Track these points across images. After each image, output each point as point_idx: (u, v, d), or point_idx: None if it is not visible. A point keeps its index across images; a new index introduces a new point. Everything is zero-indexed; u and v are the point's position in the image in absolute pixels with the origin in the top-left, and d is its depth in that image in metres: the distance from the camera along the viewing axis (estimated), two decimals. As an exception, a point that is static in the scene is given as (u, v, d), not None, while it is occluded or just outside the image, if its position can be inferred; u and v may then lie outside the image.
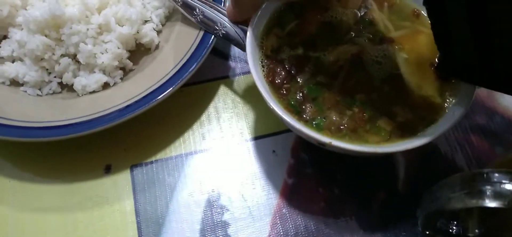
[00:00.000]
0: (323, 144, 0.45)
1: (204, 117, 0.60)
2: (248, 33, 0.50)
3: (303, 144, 0.57)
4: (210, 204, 0.53)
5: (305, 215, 0.53)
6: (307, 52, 0.52)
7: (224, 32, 0.57)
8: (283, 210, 0.53)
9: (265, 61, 0.51)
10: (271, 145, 0.58)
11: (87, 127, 0.53)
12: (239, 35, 0.56)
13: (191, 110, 0.60)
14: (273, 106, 0.46)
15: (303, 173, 0.56)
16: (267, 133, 0.58)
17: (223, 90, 0.62)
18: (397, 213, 0.53)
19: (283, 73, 0.50)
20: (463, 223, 0.46)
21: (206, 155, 0.57)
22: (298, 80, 0.50)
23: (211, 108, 0.60)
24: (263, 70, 0.50)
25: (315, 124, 0.47)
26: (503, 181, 0.37)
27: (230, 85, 0.62)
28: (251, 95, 0.61)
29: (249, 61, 0.48)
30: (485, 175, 0.38)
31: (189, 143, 0.58)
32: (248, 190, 0.54)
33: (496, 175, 0.38)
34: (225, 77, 0.63)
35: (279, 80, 0.49)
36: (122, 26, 0.59)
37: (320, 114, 0.48)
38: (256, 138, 0.58)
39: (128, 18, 0.59)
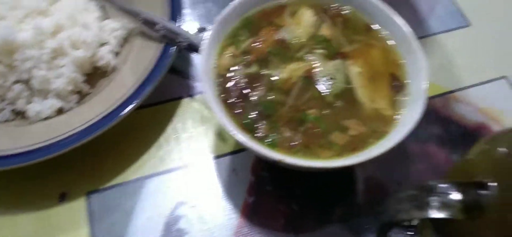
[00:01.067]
0: (276, 161, 0.45)
1: (162, 139, 0.59)
2: (201, 53, 0.50)
3: (263, 162, 0.57)
4: (169, 228, 0.52)
5: (266, 233, 0.52)
6: (261, 70, 0.52)
7: (186, 44, 0.58)
8: (244, 230, 0.53)
9: (219, 80, 0.51)
10: (232, 164, 0.57)
11: (40, 154, 0.51)
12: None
13: (150, 132, 0.59)
14: (226, 125, 0.46)
15: (263, 191, 0.55)
16: (227, 152, 0.58)
17: (182, 110, 0.61)
18: (356, 226, 0.53)
19: (237, 92, 0.50)
20: (419, 233, 0.46)
21: (165, 178, 0.56)
22: (252, 98, 0.50)
23: (169, 130, 0.60)
24: (217, 90, 0.50)
25: (268, 141, 0.47)
26: (449, 192, 0.38)
27: (189, 105, 0.62)
28: (210, 115, 0.61)
29: (202, 81, 0.48)
30: (431, 187, 0.39)
31: (148, 165, 0.57)
32: (208, 211, 0.54)
33: (442, 186, 0.38)
34: (185, 97, 0.62)
35: (233, 99, 0.49)
36: (77, 49, 0.58)
37: (274, 131, 0.48)
38: (216, 158, 0.58)
39: (84, 42, 0.58)
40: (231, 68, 0.52)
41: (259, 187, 0.56)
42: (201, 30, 0.67)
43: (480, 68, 0.66)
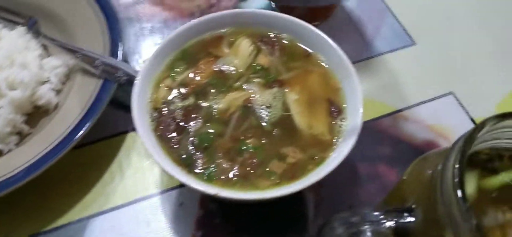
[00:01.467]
0: (212, 195, 0.44)
1: (107, 175, 0.58)
2: (134, 87, 0.49)
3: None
4: (111, 269, 0.51)
5: (213, 268, 0.51)
6: (198, 102, 0.51)
7: (126, 78, 0.57)
8: (192, 266, 0.51)
9: (155, 114, 0.50)
10: (179, 198, 0.56)
11: (-23, 200, 0.50)
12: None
13: (94, 169, 0.58)
14: (159, 162, 0.44)
15: (211, 224, 0.54)
16: (174, 186, 0.57)
17: (127, 145, 0.60)
18: (306, 254, 0.52)
19: (173, 125, 0.49)
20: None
21: (110, 216, 0.54)
22: (189, 131, 0.49)
23: (114, 166, 0.58)
24: (152, 124, 0.49)
25: (206, 174, 0.46)
26: (381, 220, 0.37)
27: (134, 139, 0.61)
28: (156, 148, 0.60)
29: (134, 117, 0.47)
30: (365, 215, 0.38)
31: (92, 204, 0.55)
32: (154, 249, 0.52)
33: (374, 214, 0.38)
34: (130, 131, 0.61)
35: (169, 133, 0.48)
36: (15, 90, 0.57)
37: (212, 164, 0.47)
38: (163, 192, 0.56)
39: (21, 82, 0.57)
40: (168, 102, 0.51)
41: (208, 220, 0.54)
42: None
43: (427, 85, 0.67)
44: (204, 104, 0.51)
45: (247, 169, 0.47)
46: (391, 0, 0.77)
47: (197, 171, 0.46)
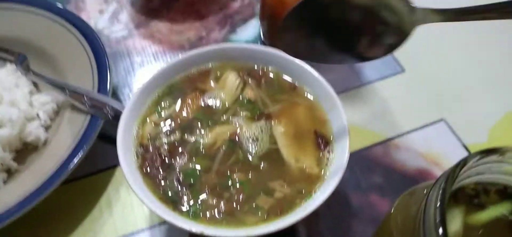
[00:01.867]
0: (197, 234, 0.43)
1: (96, 211, 0.57)
2: (120, 124, 0.49)
3: (199, 228, 0.55)
4: None
5: None
6: (184, 137, 0.51)
7: (112, 114, 0.57)
8: None
9: (140, 150, 0.50)
10: (168, 233, 0.55)
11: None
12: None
13: (82, 205, 0.57)
14: (143, 199, 0.44)
15: (201, 259, 0.53)
16: (162, 221, 0.56)
17: (116, 179, 0.60)
18: None
19: (158, 161, 0.49)
20: None
21: (97, 254, 0.54)
22: (175, 167, 0.49)
23: (103, 201, 0.58)
24: (138, 161, 0.49)
25: (192, 212, 0.46)
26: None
27: (123, 174, 0.60)
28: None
29: (119, 153, 0.47)
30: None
31: (79, 242, 0.54)
32: (142, 287, 0.51)
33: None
34: (118, 166, 0.61)
35: (154, 170, 0.48)
36: (3, 127, 0.57)
37: (197, 201, 0.46)
38: (152, 227, 0.56)
39: (9, 120, 0.57)
40: (154, 137, 0.51)
41: (197, 255, 0.53)
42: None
43: (417, 112, 0.67)
44: (191, 139, 0.51)
45: (234, 205, 0.46)
46: (381, 28, 0.78)
47: (182, 208, 0.46)
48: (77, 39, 0.66)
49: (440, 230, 0.30)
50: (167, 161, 0.49)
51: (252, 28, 0.78)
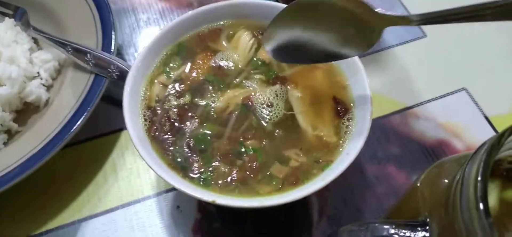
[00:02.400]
0: (208, 202, 0.41)
1: (100, 176, 0.55)
2: (126, 84, 0.46)
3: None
4: (104, 276, 0.48)
5: (212, 276, 0.48)
6: (194, 100, 0.48)
7: (118, 73, 0.54)
8: (189, 272, 0.49)
9: (148, 113, 0.46)
10: (175, 200, 0.53)
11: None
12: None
13: (87, 170, 0.55)
14: (151, 164, 0.41)
15: (210, 229, 0.51)
16: (170, 188, 0.54)
17: (121, 143, 0.57)
18: (310, 262, 0.49)
19: (167, 125, 0.46)
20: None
21: (103, 220, 0.52)
22: (185, 132, 0.46)
23: (108, 166, 0.55)
24: (145, 124, 0.46)
25: (202, 179, 0.43)
26: (392, 235, 0.34)
27: (128, 138, 0.57)
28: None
29: (125, 117, 0.44)
30: (373, 228, 0.35)
31: (84, 207, 0.52)
32: (149, 254, 0.49)
33: (384, 227, 0.34)
34: (124, 129, 0.58)
35: (163, 134, 0.45)
36: (2, 86, 0.54)
37: (208, 168, 0.44)
38: (158, 194, 0.53)
39: (8, 77, 0.54)
40: (162, 99, 0.48)
41: (206, 224, 0.51)
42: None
43: (438, 81, 0.63)
44: (201, 102, 0.48)
45: (247, 173, 0.43)
46: (401, -10, 0.73)
47: (192, 175, 0.43)
48: (80, -7, 0.62)
49: (481, 206, 0.27)
50: (176, 125, 0.46)
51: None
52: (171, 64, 0.50)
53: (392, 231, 0.34)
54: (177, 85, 0.49)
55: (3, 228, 0.51)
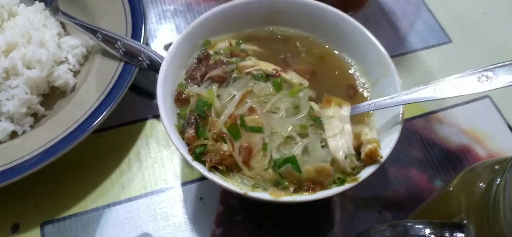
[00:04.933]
0: (240, 195, 0.41)
1: (124, 164, 0.55)
2: (159, 77, 0.46)
3: (232, 189, 0.53)
4: (128, 263, 0.48)
5: (234, 268, 0.49)
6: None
7: (148, 62, 0.54)
8: (211, 264, 0.49)
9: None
10: (199, 192, 0.53)
11: (-10, 182, 0.47)
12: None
13: (111, 157, 0.55)
14: (186, 156, 0.42)
15: (232, 222, 0.51)
16: (194, 178, 0.54)
17: (146, 132, 0.57)
18: (333, 260, 0.49)
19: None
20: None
21: (126, 207, 0.52)
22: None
23: (132, 154, 0.56)
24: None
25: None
26: (428, 235, 0.34)
27: (154, 127, 0.58)
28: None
29: (159, 107, 0.44)
30: (406, 228, 0.35)
31: (107, 194, 0.53)
32: (171, 244, 0.50)
33: (418, 226, 0.35)
34: (150, 118, 0.58)
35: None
36: (31, 69, 0.54)
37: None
38: (182, 184, 0.54)
39: (38, 61, 0.54)
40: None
41: (228, 217, 0.52)
42: (169, 46, 0.63)
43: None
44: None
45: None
46: (426, -6, 0.73)
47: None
48: (110, -19, 0.62)
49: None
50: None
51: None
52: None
53: (428, 231, 0.34)
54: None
55: (25, 212, 0.51)
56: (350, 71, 0.53)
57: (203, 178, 0.54)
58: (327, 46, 0.55)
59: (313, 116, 0.46)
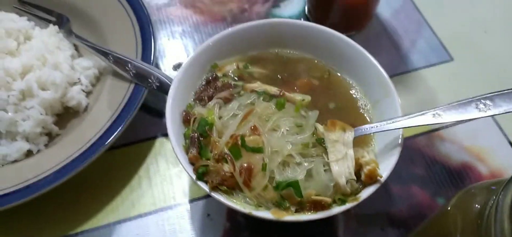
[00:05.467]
0: (245, 214, 0.43)
1: (134, 181, 0.57)
2: (167, 99, 0.48)
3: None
4: (138, 278, 0.50)
5: (241, 284, 0.50)
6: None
7: (158, 84, 0.56)
8: (218, 280, 0.50)
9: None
10: (206, 209, 0.55)
11: (8, 200, 0.49)
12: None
13: (122, 174, 0.57)
14: (191, 174, 0.43)
15: (239, 237, 0.53)
16: (201, 196, 0.56)
17: (156, 150, 0.59)
18: (334, 277, 0.50)
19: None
20: None
21: (136, 223, 0.54)
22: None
23: (142, 171, 0.57)
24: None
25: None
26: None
27: (163, 145, 0.60)
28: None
29: (168, 128, 0.46)
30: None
31: (118, 210, 0.55)
32: (179, 260, 0.51)
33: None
34: (159, 137, 0.60)
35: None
36: (46, 90, 0.57)
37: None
38: (190, 201, 0.55)
39: (53, 82, 0.57)
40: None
41: (235, 233, 0.53)
42: (177, 67, 0.66)
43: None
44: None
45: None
46: (428, 12, 0.75)
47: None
48: (120, 4, 0.64)
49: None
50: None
51: (297, 4, 0.75)
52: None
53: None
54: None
55: (40, 228, 0.53)
56: (351, 92, 0.54)
57: (210, 195, 0.55)
58: (329, 68, 0.56)
59: (316, 138, 0.48)
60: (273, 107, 0.49)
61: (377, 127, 0.47)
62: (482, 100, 0.42)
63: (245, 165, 0.44)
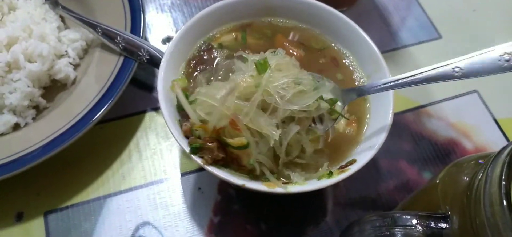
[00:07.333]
0: (238, 186, 0.43)
1: (124, 155, 0.57)
2: (159, 71, 0.48)
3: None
4: (129, 251, 0.50)
5: (231, 255, 0.51)
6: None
7: (148, 57, 0.55)
8: (209, 251, 0.51)
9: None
10: (197, 182, 0.55)
11: (-4, 173, 0.49)
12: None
13: (111, 148, 0.57)
14: (185, 148, 0.43)
15: (230, 210, 0.54)
16: (192, 169, 0.56)
17: (145, 124, 0.59)
18: (324, 247, 0.52)
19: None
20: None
21: (126, 197, 0.54)
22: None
23: (132, 145, 0.57)
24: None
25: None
26: (411, 224, 0.37)
27: (153, 119, 0.59)
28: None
29: (160, 101, 0.46)
30: (395, 218, 0.37)
31: (108, 184, 0.54)
32: (171, 232, 0.52)
33: (405, 217, 0.37)
34: (149, 111, 0.60)
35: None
36: (33, 63, 0.55)
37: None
38: (182, 175, 0.56)
39: (39, 54, 0.55)
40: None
41: (226, 206, 0.54)
42: (167, 40, 0.65)
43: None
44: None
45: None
46: (418, -10, 0.75)
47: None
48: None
49: (505, 202, 0.30)
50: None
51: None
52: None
53: (415, 221, 0.36)
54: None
55: (28, 201, 0.52)
56: (345, 62, 0.55)
57: (201, 169, 0.55)
58: (324, 37, 0.56)
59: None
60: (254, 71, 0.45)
61: (390, 83, 0.47)
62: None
63: (234, 155, 0.44)
